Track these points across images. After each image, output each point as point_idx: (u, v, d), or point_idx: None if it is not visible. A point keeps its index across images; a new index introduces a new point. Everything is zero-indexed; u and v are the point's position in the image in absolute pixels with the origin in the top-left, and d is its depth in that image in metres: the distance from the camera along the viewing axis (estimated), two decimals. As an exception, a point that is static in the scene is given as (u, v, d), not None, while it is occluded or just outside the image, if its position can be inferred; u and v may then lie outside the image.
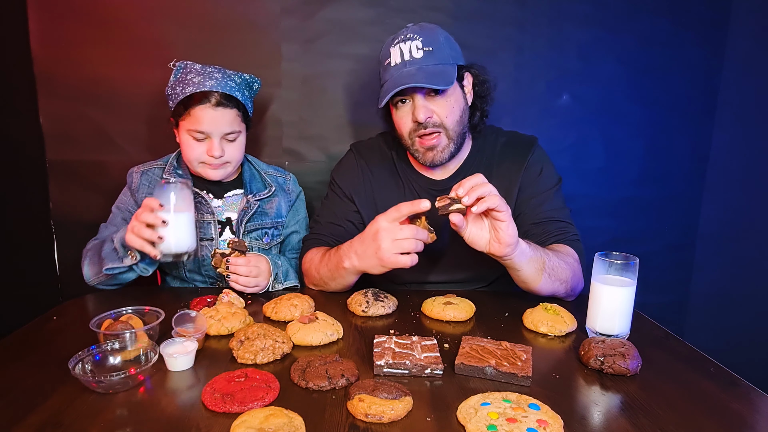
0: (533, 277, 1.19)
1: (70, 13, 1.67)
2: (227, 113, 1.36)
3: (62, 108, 1.72)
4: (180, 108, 1.36)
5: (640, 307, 1.18)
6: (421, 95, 1.25)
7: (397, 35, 1.28)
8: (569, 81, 1.84)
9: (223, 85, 1.36)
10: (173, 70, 1.40)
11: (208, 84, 1.34)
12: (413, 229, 1.11)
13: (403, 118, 1.30)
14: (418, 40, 1.24)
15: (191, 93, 1.34)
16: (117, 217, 1.45)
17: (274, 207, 1.53)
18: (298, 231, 1.57)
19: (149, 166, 1.48)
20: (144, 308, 1.06)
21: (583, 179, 1.91)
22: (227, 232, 1.47)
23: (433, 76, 1.22)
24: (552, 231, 1.32)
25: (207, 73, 1.36)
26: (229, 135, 1.39)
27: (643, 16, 1.81)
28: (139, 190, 1.44)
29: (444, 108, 1.27)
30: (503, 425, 0.73)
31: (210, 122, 1.35)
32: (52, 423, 0.75)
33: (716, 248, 2.02)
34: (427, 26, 1.28)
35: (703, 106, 1.92)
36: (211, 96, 1.34)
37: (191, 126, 1.35)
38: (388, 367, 0.90)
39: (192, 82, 1.35)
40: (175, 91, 1.37)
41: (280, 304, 1.17)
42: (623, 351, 0.93)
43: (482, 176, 1.07)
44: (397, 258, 1.11)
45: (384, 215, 1.13)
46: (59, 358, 0.90)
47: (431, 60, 1.24)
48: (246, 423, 0.72)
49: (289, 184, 1.59)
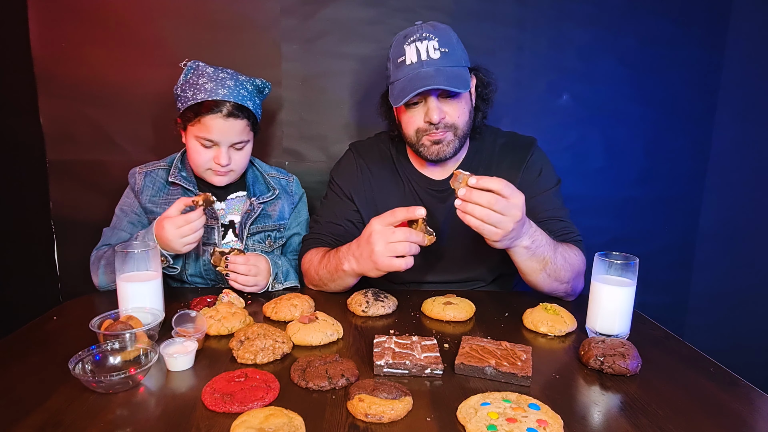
0: (531, 273, 1.22)
1: (70, 13, 1.67)
2: (237, 124, 1.35)
3: (62, 108, 1.72)
4: (190, 113, 1.34)
5: (640, 307, 1.18)
6: (435, 97, 1.25)
7: (410, 33, 1.27)
8: (569, 81, 1.84)
9: (235, 94, 1.34)
10: (184, 69, 1.37)
11: (221, 93, 1.32)
12: (406, 232, 1.11)
13: (413, 118, 1.29)
14: (434, 40, 1.24)
15: (203, 100, 1.31)
16: (122, 221, 1.43)
17: (277, 209, 1.52)
18: (299, 233, 1.56)
19: (152, 167, 1.46)
20: (144, 308, 1.05)
21: (583, 179, 1.91)
22: (230, 234, 1.47)
23: (452, 79, 1.22)
24: (555, 231, 1.32)
25: (220, 80, 1.33)
26: (237, 144, 1.38)
27: (643, 16, 1.81)
28: (143, 192, 1.43)
29: (456, 110, 1.27)
30: (503, 425, 0.73)
31: (219, 132, 1.33)
32: (52, 423, 0.75)
33: (716, 248, 2.02)
34: (440, 26, 1.28)
35: (703, 106, 1.92)
36: (223, 106, 1.32)
37: (200, 133, 1.34)
38: (388, 367, 0.90)
39: (204, 88, 1.32)
40: (185, 94, 1.34)
41: (280, 304, 1.17)
42: (623, 351, 0.93)
43: (504, 186, 1.04)
44: (391, 261, 1.12)
45: (379, 218, 1.13)
46: (59, 358, 0.90)
47: (448, 61, 1.24)
48: (246, 423, 0.72)
49: (292, 186, 1.58)
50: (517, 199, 1.05)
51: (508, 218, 1.04)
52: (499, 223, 1.05)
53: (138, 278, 1.08)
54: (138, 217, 1.44)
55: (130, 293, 1.07)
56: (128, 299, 1.07)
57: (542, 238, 1.17)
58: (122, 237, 1.41)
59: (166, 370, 0.91)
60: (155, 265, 1.11)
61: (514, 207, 1.04)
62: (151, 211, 1.43)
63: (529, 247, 1.15)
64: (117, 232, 1.42)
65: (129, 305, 1.06)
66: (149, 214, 1.43)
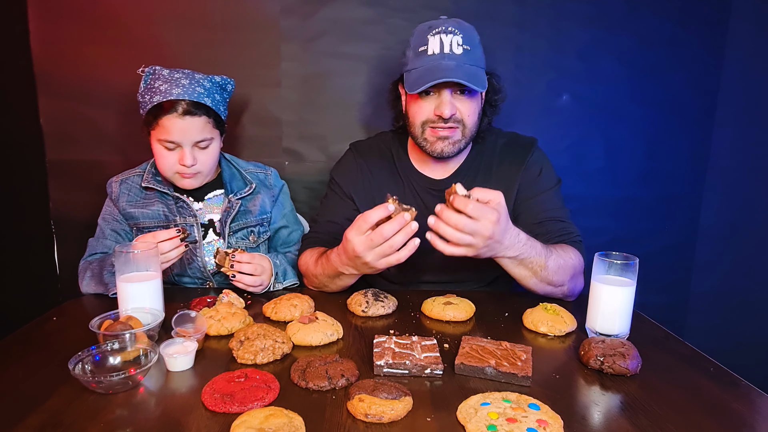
0: (521, 279, 1.23)
1: (70, 13, 1.67)
2: (196, 121, 1.33)
3: (62, 108, 1.72)
4: (149, 117, 1.33)
5: (640, 307, 1.18)
6: (449, 91, 1.26)
7: (435, 24, 1.27)
8: (569, 81, 1.84)
9: (190, 92, 1.32)
10: (143, 76, 1.36)
11: (174, 92, 1.31)
12: (385, 231, 1.07)
13: (424, 108, 1.29)
14: (459, 36, 1.25)
15: (158, 102, 1.31)
16: (105, 230, 1.44)
17: (257, 204, 1.51)
18: (286, 225, 1.56)
19: (127, 175, 1.47)
20: (144, 308, 1.05)
21: (583, 179, 1.91)
22: (210, 233, 1.47)
23: (471, 76, 1.23)
24: (555, 231, 1.32)
25: (174, 80, 1.32)
26: (200, 143, 1.36)
27: (643, 16, 1.81)
28: (120, 199, 1.44)
29: (468, 108, 1.28)
30: (503, 425, 0.73)
31: (179, 132, 1.32)
32: (52, 423, 0.75)
33: (716, 248, 2.02)
34: (465, 24, 1.29)
35: (703, 106, 1.92)
36: (179, 105, 1.30)
37: (161, 136, 1.33)
38: (388, 367, 0.90)
39: (159, 90, 1.31)
40: (144, 99, 1.34)
41: (280, 304, 1.17)
42: (623, 351, 0.93)
43: (474, 209, 1.04)
44: (388, 261, 1.11)
45: (355, 230, 1.10)
46: (59, 359, 0.90)
47: (469, 59, 1.25)
48: (246, 423, 0.72)
49: (270, 179, 1.57)
50: (487, 219, 1.05)
51: (477, 238, 1.06)
52: (469, 242, 1.06)
53: (138, 278, 1.08)
54: (120, 224, 1.45)
55: (130, 293, 1.07)
56: (128, 299, 1.07)
57: (531, 249, 1.17)
58: (107, 245, 1.42)
59: (166, 371, 0.91)
60: (155, 266, 1.11)
61: (483, 228, 1.05)
62: (131, 216, 1.43)
63: (515, 257, 1.16)
64: (102, 241, 1.43)
65: (129, 305, 1.06)
66: (129, 219, 1.44)
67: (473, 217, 1.04)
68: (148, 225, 1.43)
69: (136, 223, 1.43)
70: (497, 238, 1.08)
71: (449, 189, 1.08)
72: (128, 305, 1.06)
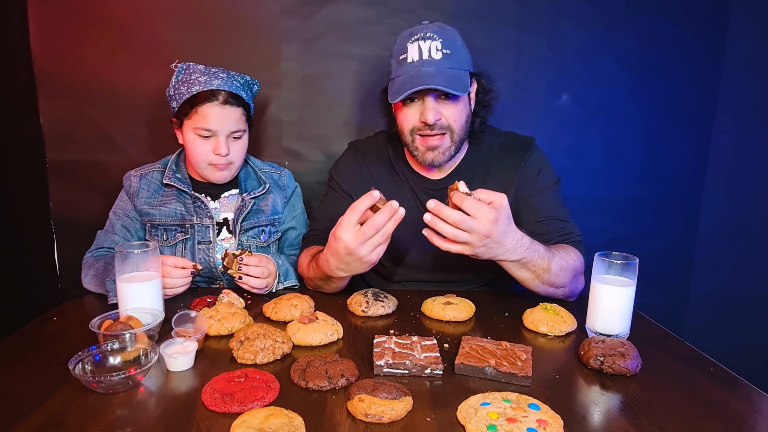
0: (524, 281, 1.22)
1: (70, 13, 1.67)
2: (234, 111, 1.38)
3: (62, 108, 1.72)
4: (186, 107, 1.36)
5: (640, 307, 1.18)
6: (433, 97, 1.25)
7: (415, 31, 1.26)
8: (569, 81, 1.84)
9: (229, 84, 1.37)
10: (175, 71, 1.40)
11: (215, 83, 1.36)
12: (375, 223, 1.07)
13: (409, 116, 1.29)
14: (437, 41, 1.23)
15: (198, 92, 1.34)
16: (115, 225, 1.44)
17: (269, 204, 1.52)
18: (295, 227, 1.57)
19: (147, 170, 1.47)
20: (144, 308, 1.05)
21: (583, 179, 1.91)
22: (224, 231, 1.47)
23: (451, 81, 1.21)
24: (555, 230, 1.32)
25: (212, 73, 1.38)
26: (235, 133, 1.40)
27: (643, 16, 1.81)
28: (139, 194, 1.44)
29: (453, 112, 1.27)
30: (503, 425, 0.73)
31: (217, 120, 1.36)
32: (52, 423, 0.75)
33: (716, 248, 2.02)
34: (446, 28, 1.28)
35: (703, 106, 1.92)
36: (219, 94, 1.36)
37: (198, 124, 1.36)
38: (388, 367, 0.90)
39: (198, 81, 1.36)
40: (179, 90, 1.37)
41: (280, 304, 1.17)
42: (623, 351, 0.93)
43: (471, 205, 1.04)
44: (380, 251, 1.11)
45: (344, 227, 1.09)
46: (59, 359, 0.90)
47: (449, 63, 1.23)
48: (246, 423, 0.72)
49: (284, 179, 1.58)
50: (484, 218, 1.04)
51: (474, 235, 1.05)
52: (465, 240, 1.05)
53: (138, 278, 1.08)
54: (131, 221, 1.45)
55: (130, 293, 1.07)
56: (128, 299, 1.07)
57: (534, 252, 1.16)
58: (115, 240, 1.42)
59: (166, 371, 0.91)
60: (155, 266, 1.11)
61: (480, 226, 1.04)
62: (146, 213, 1.43)
63: (518, 261, 1.15)
64: (110, 236, 1.43)
65: (129, 305, 1.06)
66: (144, 217, 1.44)
67: (470, 214, 1.03)
68: (164, 223, 1.43)
69: (151, 220, 1.44)
70: (495, 238, 1.07)
71: (452, 185, 1.08)
72: (128, 305, 1.06)
